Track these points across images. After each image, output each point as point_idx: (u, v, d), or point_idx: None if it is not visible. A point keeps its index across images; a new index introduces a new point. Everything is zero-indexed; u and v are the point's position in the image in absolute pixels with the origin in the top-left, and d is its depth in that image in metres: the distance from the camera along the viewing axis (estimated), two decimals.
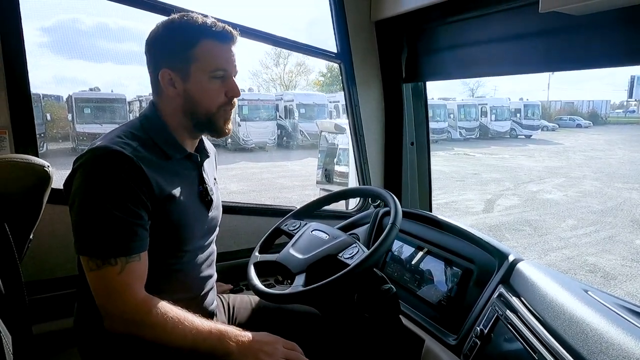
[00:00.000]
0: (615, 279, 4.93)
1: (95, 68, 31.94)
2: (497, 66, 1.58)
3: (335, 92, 18.53)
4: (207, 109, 1.04)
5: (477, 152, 16.02)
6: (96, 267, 0.90)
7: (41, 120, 11.96)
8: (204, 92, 1.02)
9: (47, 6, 15.82)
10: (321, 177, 3.70)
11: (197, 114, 1.04)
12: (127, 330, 0.93)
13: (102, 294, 0.92)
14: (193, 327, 0.95)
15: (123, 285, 0.91)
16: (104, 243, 0.90)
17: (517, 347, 0.95)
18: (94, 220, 0.90)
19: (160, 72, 1.01)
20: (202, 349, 0.95)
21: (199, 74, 1.01)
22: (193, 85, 1.02)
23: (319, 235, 1.25)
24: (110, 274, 0.90)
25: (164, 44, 1.02)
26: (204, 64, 1.00)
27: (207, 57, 1.00)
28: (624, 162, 12.89)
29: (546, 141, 19.14)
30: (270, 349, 0.99)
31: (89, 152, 0.93)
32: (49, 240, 1.40)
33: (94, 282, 0.92)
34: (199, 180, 1.13)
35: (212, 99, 1.03)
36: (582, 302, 0.91)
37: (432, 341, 1.26)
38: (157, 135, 1.03)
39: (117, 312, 0.92)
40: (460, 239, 1.37)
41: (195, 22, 1.00)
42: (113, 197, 0.90)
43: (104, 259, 0.90)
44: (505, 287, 1.11)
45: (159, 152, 1.02)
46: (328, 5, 1.89)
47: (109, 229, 0.90)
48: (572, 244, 6.03)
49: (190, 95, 1.02)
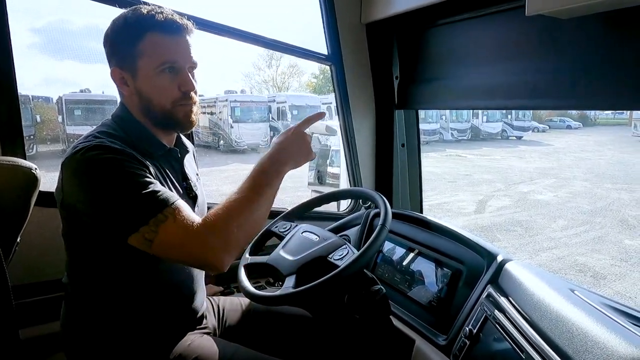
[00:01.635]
0: (604, 278, 4.98)
1: (86, 69, 31.70)
2: (483, 66, 1.59)
3: (327, 94, 18.56)
4: (160, 105, 1.00)
5: (469, 153, 16.12)
6: (154, 234, 0.86)
7: (30, 122, 11.84)
8: (154, 88, 0.99)
9: (37, 6, 15.67)
10: (313, 179, 3.69)
11: (153, 112, 1.01)
12: (229, 252, 0.90)
13: (179, 250, 0.89)
14: (248, 192, 0.95)
15: (185, 227, 0.88)
16: (144, 208, 0.87)
17: (505, 347, 0.96)
18: (121, 199, 0.88)
19: (111, 70, 1.00)
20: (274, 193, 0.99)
21: (146, 70, 0.97)
22: (142, 81, 0.99)
23: (310, 236, 1.25)
24: (170, 228, 0.87)
25: (112, 42, 0.99)
26: (150, 58, 0.97)
27: (153, 51, 0.96)
28: (613, 163, 13.04)
29: (537, 142, 19.30)
30: (301, 140, 1.05)
31: (76, 154, 0.90)
32: (36, 243, 1.38)
33: (163, 248, 0.88)
34: (182, 177, 1.12)
35: (163, 94, 1.00)
36: (568, 301, 0.92)
37: (423, 341, 1.27)
38: (134, 134, 1.02)
39: (204, 250, 0.88)
40: (450, 239, 1.38)
41: (141, 15, 0.96)
42: (125, 171, 0.89)
43: (155, 219, 0.87)
44: (494, 287, 1.12)
45: (140, 150, 1.00)
46: (319, 7, 1.89)
47: (138, 195, 0.87)
48: (563, 244, 6.09)
49: (142, 93, 1.00)
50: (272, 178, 0.99)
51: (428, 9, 1.54)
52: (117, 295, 1.01)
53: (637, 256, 5.58)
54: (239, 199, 0.93)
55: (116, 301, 1.01)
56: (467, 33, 1.62)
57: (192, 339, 1.09)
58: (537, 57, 1.35)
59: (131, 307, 1.02)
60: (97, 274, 1.00)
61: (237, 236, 0.91)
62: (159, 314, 1.05)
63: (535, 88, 1.35)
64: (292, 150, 1.03)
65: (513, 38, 1.43)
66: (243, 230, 0.93)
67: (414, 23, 1.79)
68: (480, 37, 1.56)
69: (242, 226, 0.92)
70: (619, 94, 1.14)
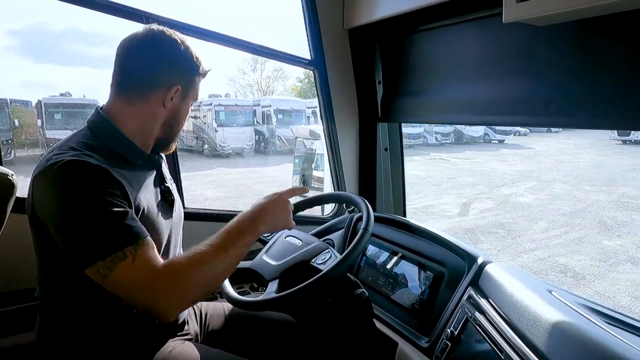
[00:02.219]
0: (584, 278, 5.09)
1: (67, 72, 31.15)
2: (464, 76, 1.62)
3: (312, 98, 18.58)
4: (178, 129, 1.14)
5: (453, 156, 16.31)
6: (108, 270, 0.85)
7: (8, 127, 11.57)
8: (186, 114, 1.13)
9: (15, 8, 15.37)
10: (298, 183, 3.69)
11: (172, 130, 1.11)
12: (179, 304, 0.91)
13: (130, 291, 0.87)
14: (217, 246, 0.95)
15: (143, 271, 0.86)
16: (105, 242, 0.86)
17: (485, 348, 0.97)
18: (85, 227, 0.86)
19: (173, 86, 1.04)
20: (243, 253, 0.99)
21: (190, 99, 1.11)
22: (185, 106, 1.11)
23: (293, 241, 1.25)
24: (126, 268, 0.85)
25: (176, 60, 1.05)
26: (194, 92, 1.11)
27: (196, 88, 1.11)
28: (592, 166, 13.34)
29: (518, 146, 19.63)
30: (282, 207, 1.09)
31: (50, 168, 0.88)
32: (12, 250, 1.35)
33: (115, 286, 0.87)
34: (160, 181, 1.13)
35: (184, 122, 1.15)
36: (545, 302, 0.94)
37: (406, 344, 1.28)
38: (113, 142, 1.01)
39: (156, 298, 0.87)
40: (432, 242, 1.39)
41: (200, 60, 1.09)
42: (94, 199, 0.87)
43: (112, 256, 0.85)
44: (475, 289, 1.14)
45: (120, 160, 0.99)
46: (301, 12, 1.90)
47: (103, 227, 0.86)
48: (544, 246, 6.20)
49: (179, 113, 1.10)
50: (246, 236, 1.00)
51: (410, 15, 1.56)
52: (92, 305, 0.98)
53: (615, 257, 5.72)
54: (209, 253, 0.93)
55: (91, 311, 0.99)
56: (448, 40, 1.65)
57: (173, 345, 1.08)
58: (516, 69, 1.38)
59: (108, 317, 1.00)
60: (70, 285, 0.97)
61: (196, 291, 0.92)
62: (137, 321, 1.03)
63: (515, 104, 1.38)
64: (272, 215, 1.07)
65: (492, 47, 1.46)
66: (204, 286, 0.93)
67: (395, 29, 1.82)
68: (460, 45, 1.59)
69: (204, 281, 0.92)
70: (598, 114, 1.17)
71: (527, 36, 1.31)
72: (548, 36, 1.25)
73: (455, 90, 1.62)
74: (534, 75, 1.32)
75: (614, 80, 1.11)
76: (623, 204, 8.42)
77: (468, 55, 1.57)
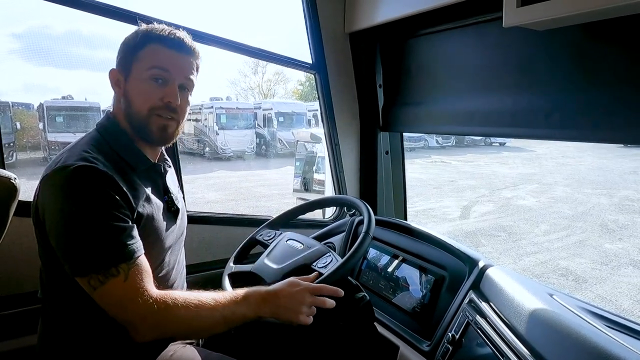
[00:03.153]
0: (586, 282, 5.07)
1: (68, 75, 31.22)
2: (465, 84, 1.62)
3: (313, 101, 18.61)
4: (138, 109, 1.01)
5: (454, 159, 16.32)
6: (100, 284, 0.86)
7: (10, 130, 11.60)
8: (139, 91, 1.01)
9: (17, 12, 15.43)
10: (299, 186, 3.70)
11: (132, 115, 1.03)
12: (156, 334, 0.90)
13: (116, 307, 0.88)
14: (216, 303, 0.93)
15: (133, 291, 0.87)
16: (101, 256, 0.86)
17: (486, 352, 0.97)
18: (84, 236, 0.86)
19: (110, 71, 1.03)
20: (235, 322, 0.95)
21: (137, 72, 1.01)
22: (131, 84, 1.02)
23: (294, 244, 1.25)
24: (117, 285, 0.86)
25: (120, 48, 1.04)
26: (143, 63, 1.00)
27: (148, 57, 1.00)
28: (593, 169, 13.34)
29: (520, 148, 19.64)
30: (298, 300, 0.99)
31: (59, 172, 0.89)
32: (15, 254, 1.36)
33: (103, 299, 0.88)
34: (164, 190, 1.12)
35: (144, 99, 1.01)
36: (547, 306, 0.94)
37: (407, 348, 1.28)
38: (119, 146, 1.02)
39: (138, 320, 0.88)
40: (433, 246, 1.40)
41: (152, 29, 1.02)
42: (98, 209, 0.87)
43: (105, 271, 0.86)
44: (476, 293, 1.14)
45: (124, 165, 1.00)
46: (303, 16, 1.91)
47: (102, 240, 0.87)
48: (545, 249, 6.19)
49: (127, 95, 1.02)
50: (249, 312, 0.97)
51: (410, 19, 1.57)
52: (94, 309, 0.98)
53: (617, 260, 5.70)
54: (205, 306, 0.93)
55: (93, 314, 0.98)
56: (448, 45, 1.65)
57: (174, 349, 1.08)
58: (516, 79, 1.38)
59: (109, 320, 1.00)
60: (72, 289, 0.97)
61: (175, 331, 0.93)
62: None
63: (515, 115, 1.38)
64: (282, 304, 0.99)
65: (493, 55, 1.46)
66: (185, 331, 0.95)
67: (396, 33, 1.82)
68: (461, 51, 1.59)
69: (186, 327, 0.93)
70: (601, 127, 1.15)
71: (528, 43, 1.31)
72: (549, 44, 1.25)
73: (456, 100, 1.62)
74: (534, 85, 1.32)
75: (616, 91, 1.10)
76: (624, 207, 8.41)
77: (468, 62, 1.57)
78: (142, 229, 0.97)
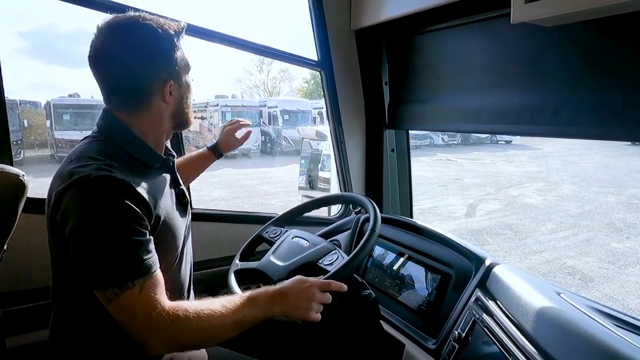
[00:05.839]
0: (592, 281, 5.04)
1: (75, 74, 31.38)
2: (472, 81, 1.61)
3: (318, 99, 18.60)
4: (189, 106, 1.06)
5: (459, 157, 16.24)
6: (115, 296, 0.85)
7: (18, 127, 11.69)
8: (190, 90, 1.06)
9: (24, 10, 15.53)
10: (304, 183, 3.70)
11: (184, 113, 1.06)
12: (170, 347, 0.90)
13: (130, 319, 0.87)
14: (227, 309, 0.93)
15: (147, 303, 0.87)
16: (119, 270, 0.86)
17: (493, 350, 0.97)
18: (104, 251, 0.86)
19: (166, 83, 0.99)
20: (247, 325, 0.94)
21: (184, 74, 1.03)
22: (184, 87, 1.04)
23: (300, 242, 1.25)
24: (132, 297, 0.86)
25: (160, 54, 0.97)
26: (185, 66, 1.02)
27: (184, 59, 1.02)
28: (600, 167, 13.23)
29: (526, 146, 19.50)
30: (307, 297, 0.99)
31: (77, 184, 0.87)
32: (23, 250, 1.37)
33: (117, 312, 0.87)
34: (175, 183, 1.11)
35: (191, 96, 1.06)
36: (554, 304, 0.94)
37: (413, 346, 1.28)
38: (130, 146, 0.99)
39: (152, 333, 0.87)
40: (439, 244, 1.39)
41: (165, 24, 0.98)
42: (118, 224, 0.86)
43: (121, 285, 0.85)
44: (482, 291, 1.14)
45: (138, 165, 0.99)
46: (308, 13, 1.91)
47: (121, 256, 0.86)
48: (552, 247, 6.15)
49: (181, 98, 1.04)
50: (260, 313, 0.97)
51: (416, 16, 1.56)
52: (105, 310, 0.99)
53: (625, 259, 5.66)
54: (216, 315, 0.92)
55: (104, 310, 0.99)
56: (455, 42, 1.65)
57: None
58: (524, 76, 1.37)
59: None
60: (83, 286, 0.98)
61: (188, 343, 0.92)
62: None
63: (522, 113, 1.37)
64: (292, 302, 0.99)
65: (500, 51, 1.45)
66: (198, 341, 0.93)
67: (402, 30, 1.81)
68: (468, 48, 1.59)
69: (198, 337, 0.92)
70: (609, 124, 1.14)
71: (536, 39, 1.30)
72: (557, 41, 1.24)
73: (462, 97, 1.61)
74: (542, 82, 1.31)
75: (626, 88, 1.09)
76: (632, 206, 8.33)
77: (475, 60, 1.56)
78: (160, 227, 0.96)
